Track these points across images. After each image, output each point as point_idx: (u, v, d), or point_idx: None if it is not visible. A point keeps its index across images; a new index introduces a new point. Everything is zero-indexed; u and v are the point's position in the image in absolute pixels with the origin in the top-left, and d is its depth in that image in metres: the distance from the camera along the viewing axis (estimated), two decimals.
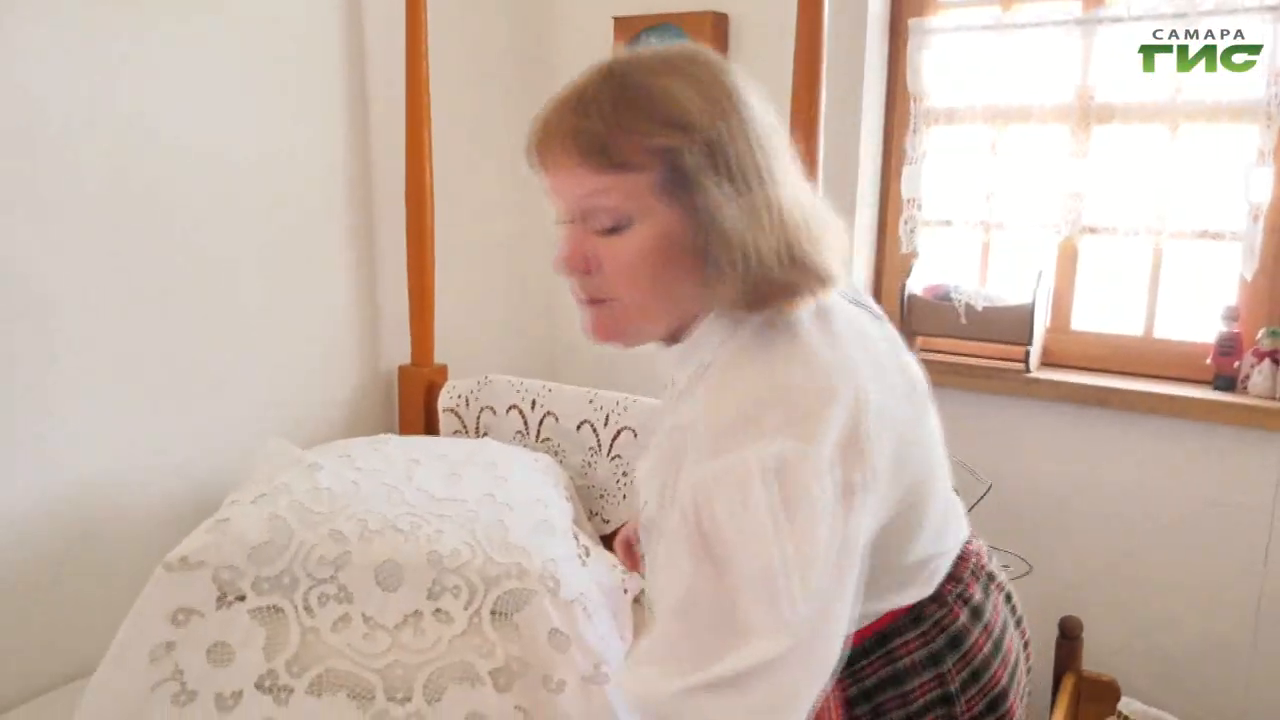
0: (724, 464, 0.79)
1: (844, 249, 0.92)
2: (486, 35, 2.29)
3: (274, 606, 1.41)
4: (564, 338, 2.57)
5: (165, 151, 1.65)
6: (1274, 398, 1.81)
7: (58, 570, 1.59)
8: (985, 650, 1.00)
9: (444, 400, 2.04)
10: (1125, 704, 1.73)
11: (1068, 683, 1.72)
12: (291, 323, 1.93)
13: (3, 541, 1.51)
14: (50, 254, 1.52)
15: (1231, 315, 1.86)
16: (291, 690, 1.38)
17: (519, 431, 1.98)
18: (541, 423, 1.95)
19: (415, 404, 2.09)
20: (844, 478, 0.80)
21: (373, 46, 2.01)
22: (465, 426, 2.04)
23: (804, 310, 0.87)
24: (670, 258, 0.87)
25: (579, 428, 1.91)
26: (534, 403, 1.97)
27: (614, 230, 0.88)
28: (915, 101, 2.12)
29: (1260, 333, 1.83)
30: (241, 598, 1.41)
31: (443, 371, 2.12)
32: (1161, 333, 1.98)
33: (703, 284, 0.87)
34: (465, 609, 1.43)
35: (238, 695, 1.38)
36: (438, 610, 1.43)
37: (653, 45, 0.91)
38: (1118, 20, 1.88)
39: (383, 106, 2.04)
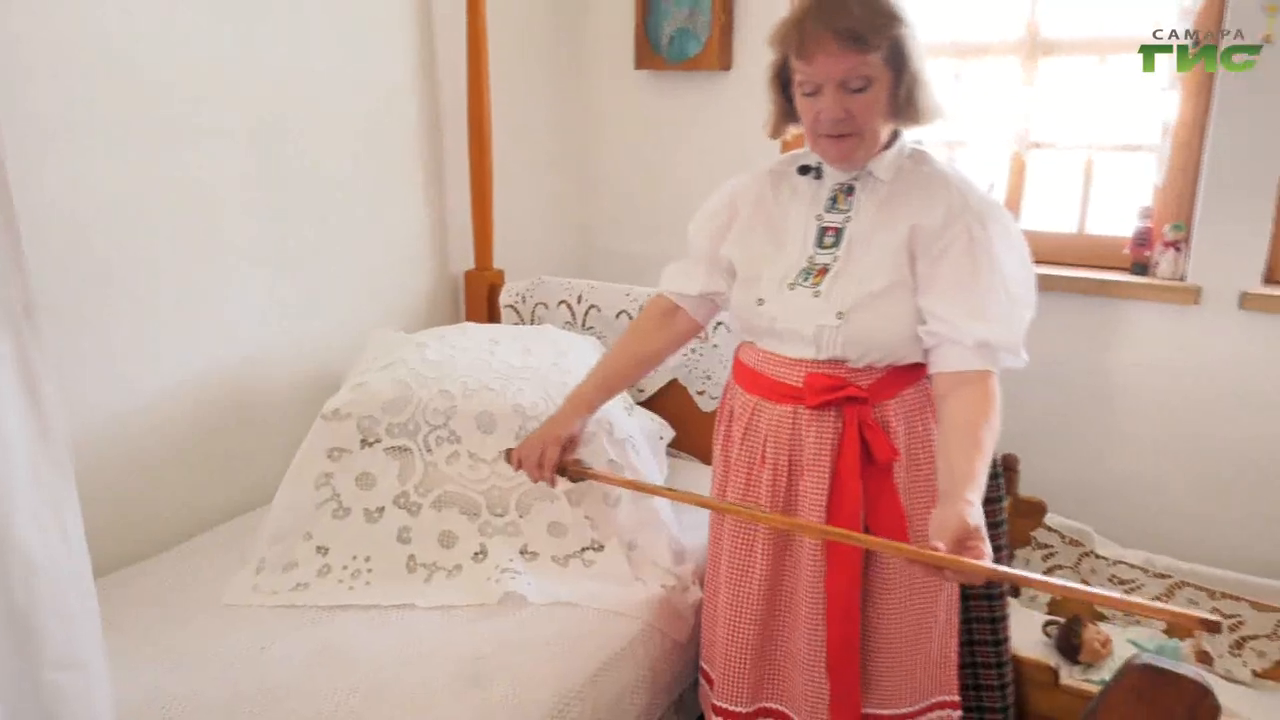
0: (983, 200, 1.44)
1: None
2: None
3: (403, 446, 1.89)
4: (596, 243, 3.00)
5: (279, 87, 2.07)
6: (1178, 279, 2.25)
7: (225, 426, 2.07)
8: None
9: (504, 298, 2.49)
10: (1050, 518, 2.22)
11: (1006, 503, 2.20)
12: (381, 234, 2.37)
13: (186, 404, 1.99)
14: (214, 174, 1.96)
15: (1145, 214, 2.29)
16: (420, 506, 1.87)
17: (567, 322, 2.43)
18: (587, 314, 2.41)
19: (480, 302, 2.54)
20: None
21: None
22: (522, 319, 2.50)
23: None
24: (886, 104, 1.40)
25: (618, 316, 2.36)
26: (580, 297, 2.42)
27: (860, 90, 1.37)
28: None
29: (1167, 227, 2.26)
30: (378, 440, 1.88)
31: (500, 275, 2.57)
32: (1091, 229, 2.41)
33: (894, 118, 1.42)
34: None
35: (380, 510, 1.86)
36: None
37: None
38: None
39: (447, 47, 2.44)
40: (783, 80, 1.49)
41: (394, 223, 2.42)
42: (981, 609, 1.76)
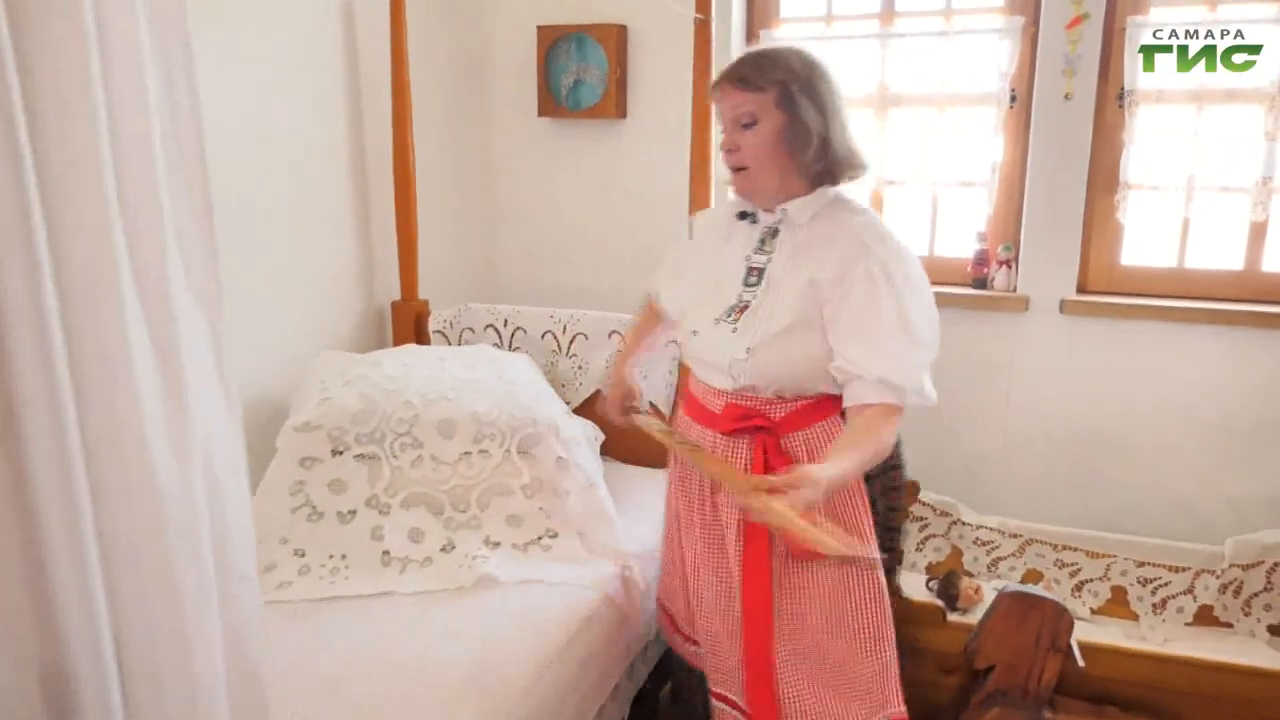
0: (889, 247, 1.57)
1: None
2: (435, 45, 2.93)
3: (371, 454, 2.07)
4: (503, 275, 3.25)
5: (218, 134, 2.22)
6: (1011, 290, 2.72)
7: None
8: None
9: (433, 324, 2.70)
10: (924, 495, 2.61)
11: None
12: (309, 270, 2.53)
13: None
14: None
15: (981, 238, 2.75)
16: (390, 506, 2.05)
17: (495, 344, 2.66)
18: (513, 335, 2.65)
19: (408, 330, 2.73)
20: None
21: (362, 45, 2.62)
22: (450, 343, 2.71)
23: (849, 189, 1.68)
24: (777, 144, 1.58)
25: (543, 336, 2.62)
26: (506, 321, 2.66)
27: (748, 126, 1.58)
28: None
29: (999, 248, 2.73)
30: (347, 448, 2.05)
31: (425, 304, 2.77)
32: (940, 252, 2.85)
33: (795, 166, 1.59)
34: (500, 448, 2.13)
35: (353, 512, 2.03)
36: (481, 450, 2.12)
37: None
38: (902, 36, 2.72)
39: (372, 99, 2.65)
40: None
41: (323, 259, 2.59)
42: None
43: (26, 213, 0.72)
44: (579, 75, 2.99)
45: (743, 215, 1.72)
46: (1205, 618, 2.45)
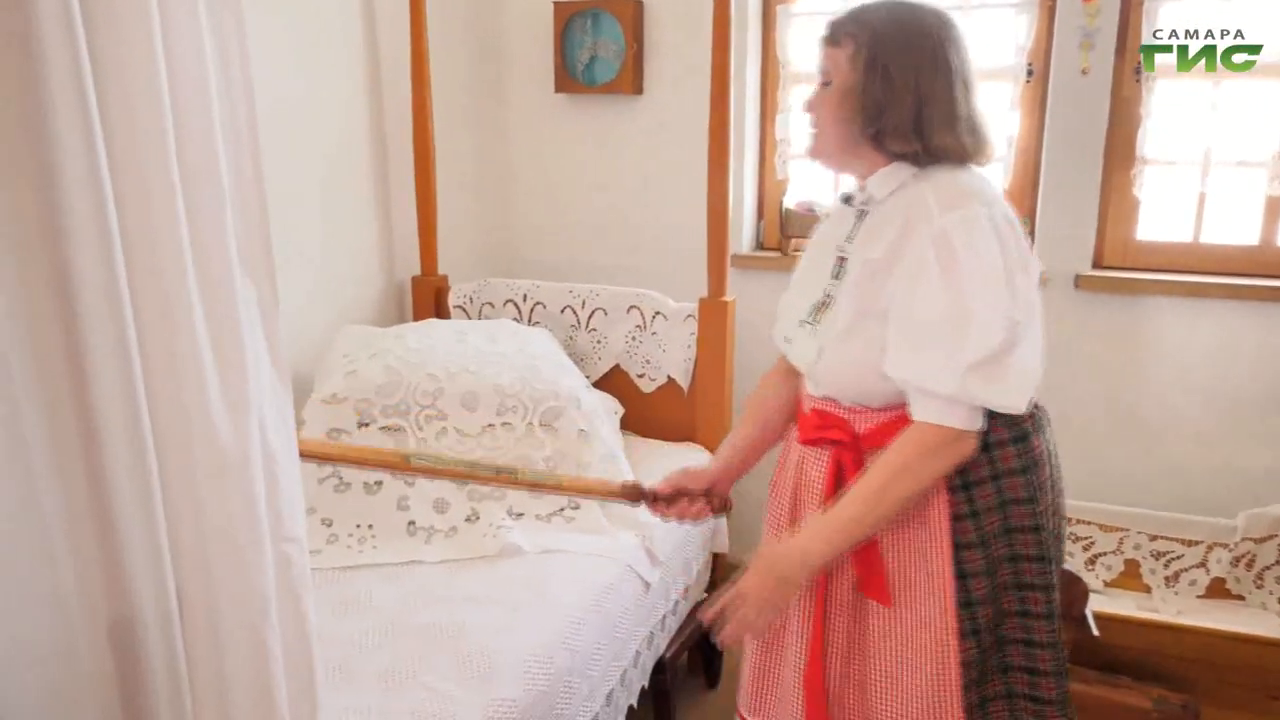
0: (960, 213, 1.25)
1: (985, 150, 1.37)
2: (453, 21, 2.93)
3: (396, 426, 2.10)
4: (519, 251, 3.27)
5: None
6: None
7: None
8: (1047, 480, 1.39)
9: (453, 299, 2.73)
10: None
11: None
12: (330, 245, 2.56)
13: None
14: None
15: None
16: (414, 478, 2.08)
17: (514, 319, 2.69)
18: (533, 310, 2.67)
19: (428, 304, 2.76)
20: (1021, 245, 1.28)
21: (381, 22, 2.63)
22: (470, 318, 2.73)
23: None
24: (848, 107, 1.33)
25: (562, 311, 2.64)
26: (525, 296, 2.68)
27: (825, 85, 1.37)
28: (782, 67, 2.91)
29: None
30: (373, 420, 2.09)
31: (445, 280, 2.79)
32: None
33: (865, 134, 1.33)
34: (522, 420, 2.16)
35: (379, 483, 2.07)
36: (504, 423, 2.15)
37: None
38: None
39: (391, 80, 2.66)
40: None
41: (344, 235, 2.61)
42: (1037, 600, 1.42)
43: (98, 181, 0.74)
44: (595, 51, 3.00)
45: (846, 199, 1.46)
46: (1217, 591, 2.47)
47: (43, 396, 0.77)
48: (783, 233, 2.89)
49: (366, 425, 2.08)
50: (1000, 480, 1.35)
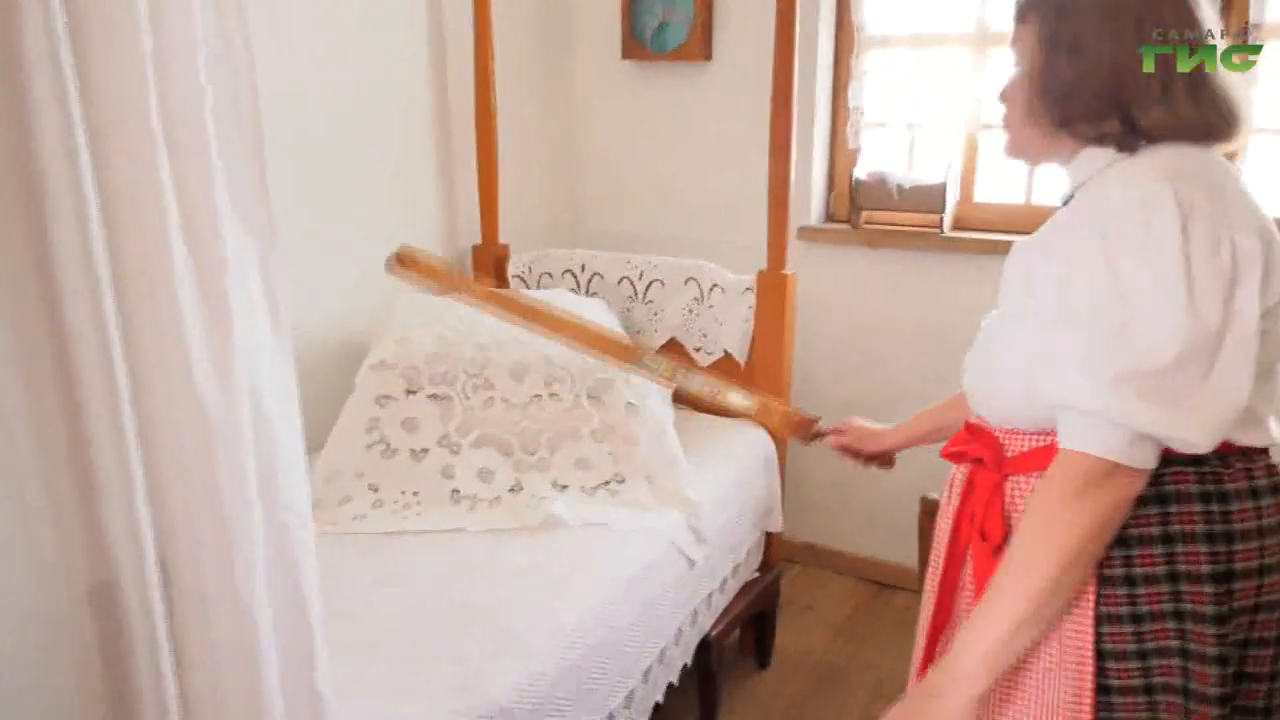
0: (1134, 191, 1.00)
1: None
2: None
3: (443, 394, 2.10)
4: (584, 222, 3.24)
5: (299, 82, 2.26)
6: None
7: None
8: (1253, 561, 1.03)
9: (513, 268, 2.71)
10: None
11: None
12: (393, 214, 2.57)
13: None
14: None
15: None
16: (460, 446, 2.08)
17: (572, 289, 2.66)
18: (590, 281, 2.64)
19: (488, 274, 2.75)
20: (1217, 232, 0.97)
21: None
22: (529, 288, 2.71)
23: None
24: (1031, 87, 1.15)
25: (619, 282, 2.60)
26: (583, 267, 2.65)
27: (1016, 66, 1.19)
28: (858, 31, 2.78)
29: None
30: (421, 388, 2.09)
31: (505, 249, 2.78)
32: (1037, 200, 2.72)
33: (1052, 119, 1.13)
34: (570, 391, 2.13)
35: (425, 451, 2.07)
36: (552, 394, 2.13)
37: None
38: None
39: (455, 49, 2.64)
40: None
41: (406, 203, 2.62)
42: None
43: (70, 126, 0.73)
44: (664, 18, 2.93)
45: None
46: None
47: (20, 358, 0.77)
48: (853, 204, 2.78)
49: (414, 392, 2.08)
50: (1174, 545, 1.04)
